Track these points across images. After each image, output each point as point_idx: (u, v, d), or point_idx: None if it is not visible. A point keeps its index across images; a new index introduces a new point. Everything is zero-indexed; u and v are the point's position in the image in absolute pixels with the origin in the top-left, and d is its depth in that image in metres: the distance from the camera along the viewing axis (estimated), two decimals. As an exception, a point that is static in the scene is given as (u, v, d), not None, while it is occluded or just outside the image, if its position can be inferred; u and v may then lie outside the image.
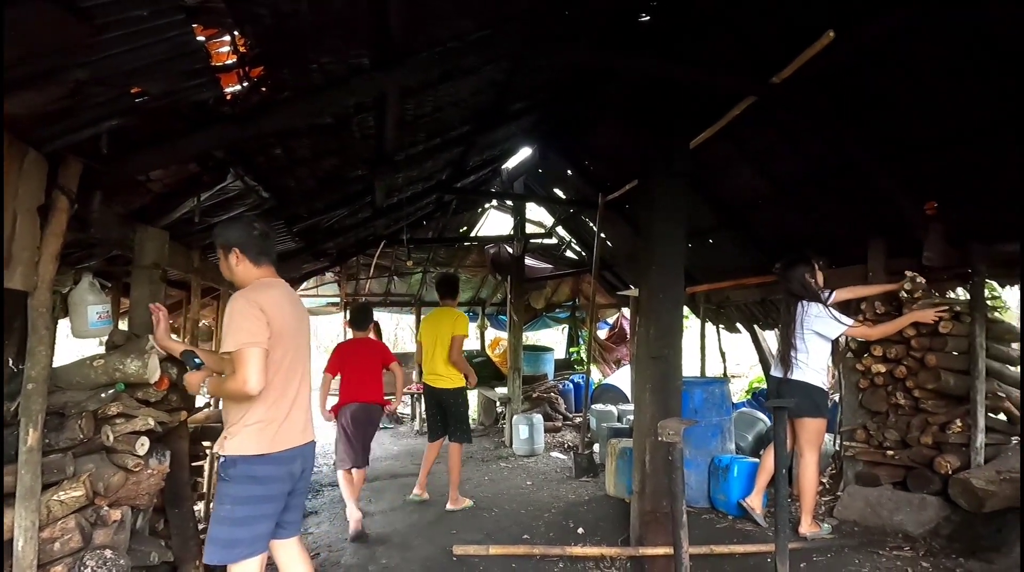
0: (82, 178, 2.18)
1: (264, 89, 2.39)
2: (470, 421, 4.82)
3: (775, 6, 3.26)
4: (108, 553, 2.10)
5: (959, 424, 3.37)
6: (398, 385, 4.65)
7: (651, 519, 3.46)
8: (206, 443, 3.50)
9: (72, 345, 3.84)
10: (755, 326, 6.51)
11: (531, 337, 10.91)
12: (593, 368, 10.21)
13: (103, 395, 2.16)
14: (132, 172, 2.45)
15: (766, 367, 7.63)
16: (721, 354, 6.67)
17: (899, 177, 3.85)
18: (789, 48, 3.19)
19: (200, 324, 6.07)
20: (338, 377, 4.40)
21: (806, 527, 3.51)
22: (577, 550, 3.51)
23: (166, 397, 2.52)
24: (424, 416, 8.20)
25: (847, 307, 4.11)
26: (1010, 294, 4.22)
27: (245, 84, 2.32)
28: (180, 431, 2.81)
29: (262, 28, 2.02)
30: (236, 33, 1.98)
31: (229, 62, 2.12)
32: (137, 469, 2.24)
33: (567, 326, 11.60)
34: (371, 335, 4.79)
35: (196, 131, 2.38)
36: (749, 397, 7.03)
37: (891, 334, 3.61)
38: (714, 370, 7.86)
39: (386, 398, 4.50)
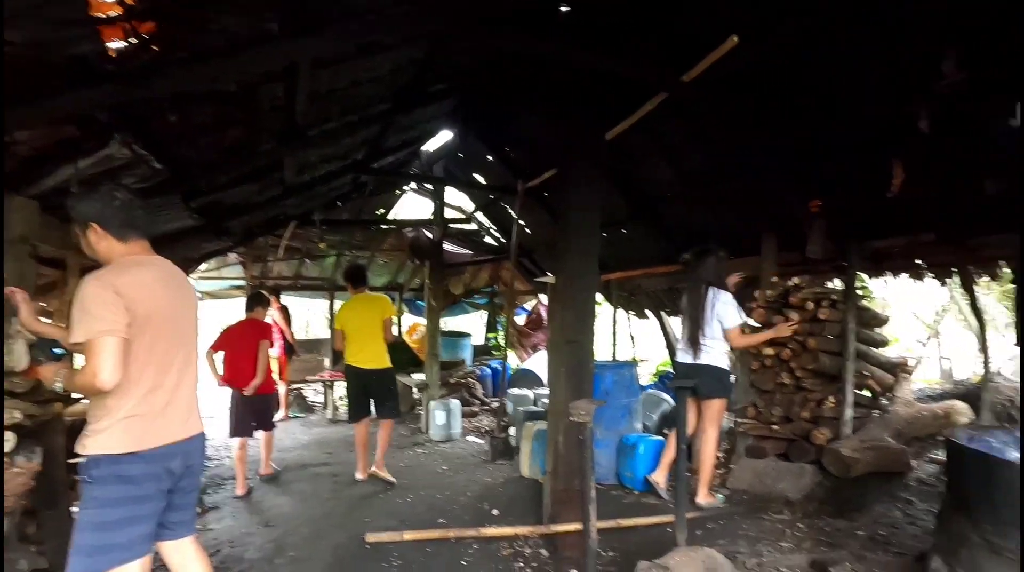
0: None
1: (155, 47, 2.17)
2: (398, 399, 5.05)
3: (689, 9, 3.42)
4: (-36, 563, 1.86)
5: (832, 400, 3.78)
6: (260, 364, 4.67)
7: (563, 497, 3.58)
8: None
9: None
10: (662, 313, 6.90)
11: (449, 323, 10.87)
12: (511, 353, 10.36)
13: (-46, 386, 1.89)
14: (-8, 132, 2.14)
15: (672, 352, 8.13)
16: (631, 339, 6.99)
17: (790, 177, 4.21)
18: (701, 50, 3.37)
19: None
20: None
21: (703, 497, 3.80)
22: (492, 531, 3.57)
23: (37, 387, 2.25)
24: (337, 404, 7.97)
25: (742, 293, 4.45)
26: (875, 285, 4.78)
27: (132, 40, 2.09)
28: (55, 425, 2.53)
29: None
30: (120, -20, 1.77)
31: (113, 14, 1.90)
32: (1, 468, 1.99)
33: (486, 312, 11.67)
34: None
35: (72, 89, 2.12)
36: (656, 380, 7.45)
37: (753, 346, 3.98)
38: (624, 354, 8.25)
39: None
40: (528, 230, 7.60)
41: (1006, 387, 4.37)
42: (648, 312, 7.22)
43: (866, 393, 4.08)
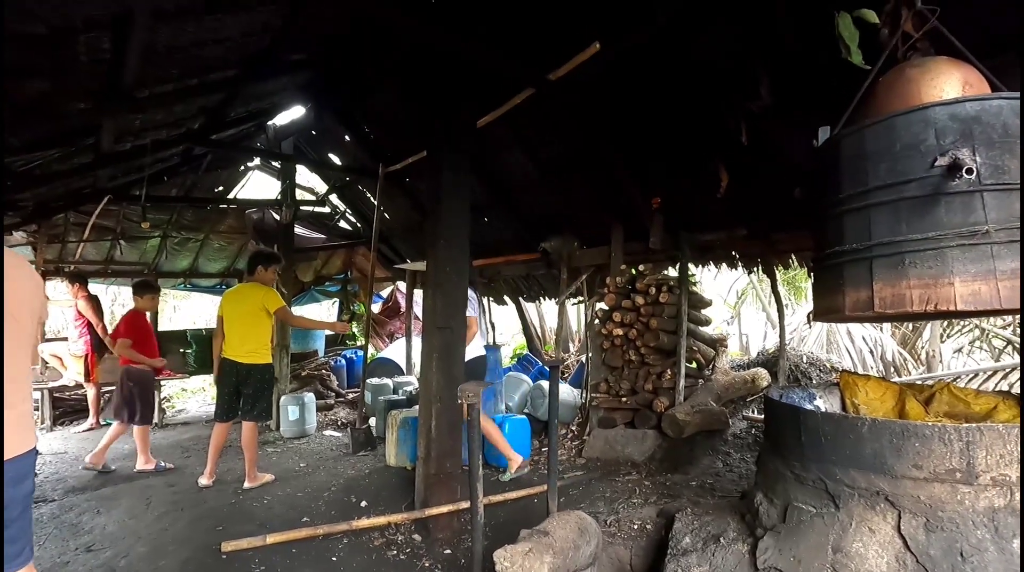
0: None
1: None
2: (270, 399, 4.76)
3: (559, 14, 3.61)
4: None
5: (669, 373, 4.33)
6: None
7: (435, 481, 3.63)
8: None
9: None
10: (520, 298, 7.23)
11: (298, 312, 10.15)
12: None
13: None
14: None
15: (529, 336, 8.57)
16: (491, 325, 7.22)
17: (635, 174, 4.69)
18: (567, 50, 3.58)
19: None
20: None
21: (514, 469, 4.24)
22: (363, 522, 3.49)
23: None
24: (164, 407, 7.03)
25: (596, 278, 4.88)
26: (701, 273, 5.58)
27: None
28: None
29: None
30: None
31: None
32: None
33: (337, 300, 11.12)
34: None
35: None
36: (515, 362, 7.80)
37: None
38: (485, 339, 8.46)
39: None
40: (387, 215, 7.40)
41: (794, 355, 5.42)
42: (507, 298, 7.51)
43: (693, 365, 4.74)
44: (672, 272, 5.12)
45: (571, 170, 5.09)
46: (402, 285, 9.80)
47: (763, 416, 2.87)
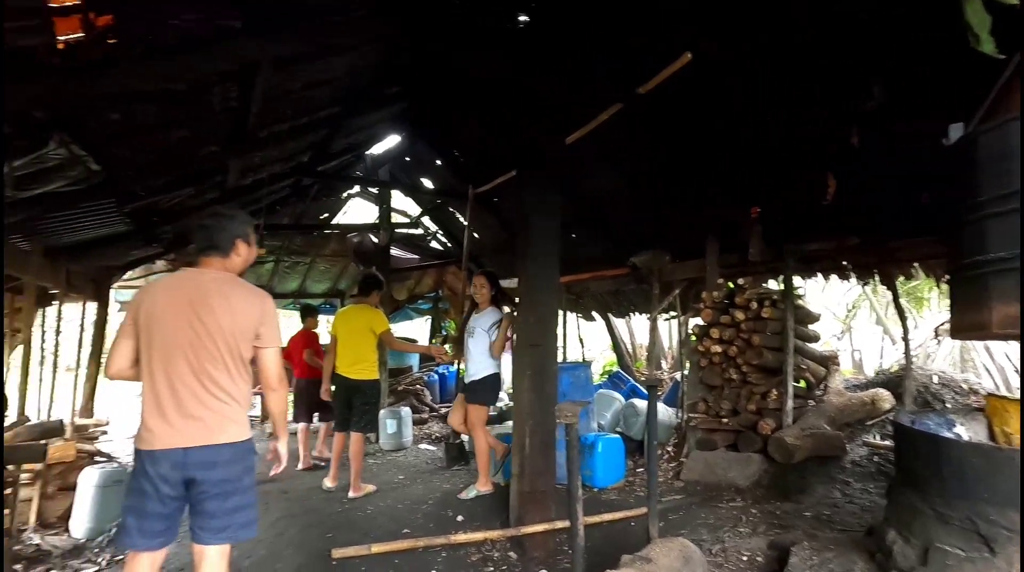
0: None
1: (110, 42, 2.01)
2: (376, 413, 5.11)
3: (642, 25, 3.58)
4: None
5: (775, 393, 4.06)
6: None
7: (529, 499, 3.62)
8: (11, 467, 2.88)
9: None
10: (609, 314, 7.12)
11: (393, 329, 10.65)
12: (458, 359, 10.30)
13: None
14: (-85, 128, 1.91)
15: (619, 353, 8.40)
16: (580, 341, 7.15)
17: (731, 185, 4.49)
18: (654, 63, 3.53)
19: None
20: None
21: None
22: (461, 537, 3.54)
23: (-31, 413, 2.02)
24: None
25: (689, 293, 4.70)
26: (808, 285, 5.20)
27: (84, 34, 1.94)
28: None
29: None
30: (84, -30, 1.64)
31: (69, 4, 1.76)
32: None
33: (429, 317, 11.54)
34: None
35: (13, 82, 1.93)
36: (604, 379, 7.66)
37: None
38: (573, 355, 8.42)
39: None
40: (476, 234, 7.61)
41: (921, 375, 4.87)
42: (595, 314, 7.43)
43: (802, 385, 4.41)
44: (774, 285, 4.82)
45: (661, 183, 4.98)
46: (490, 302, 9.99)
47: (890, 443, 2.60)
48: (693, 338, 4.69)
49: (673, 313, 6.30)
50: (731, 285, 4.76)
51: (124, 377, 2.14)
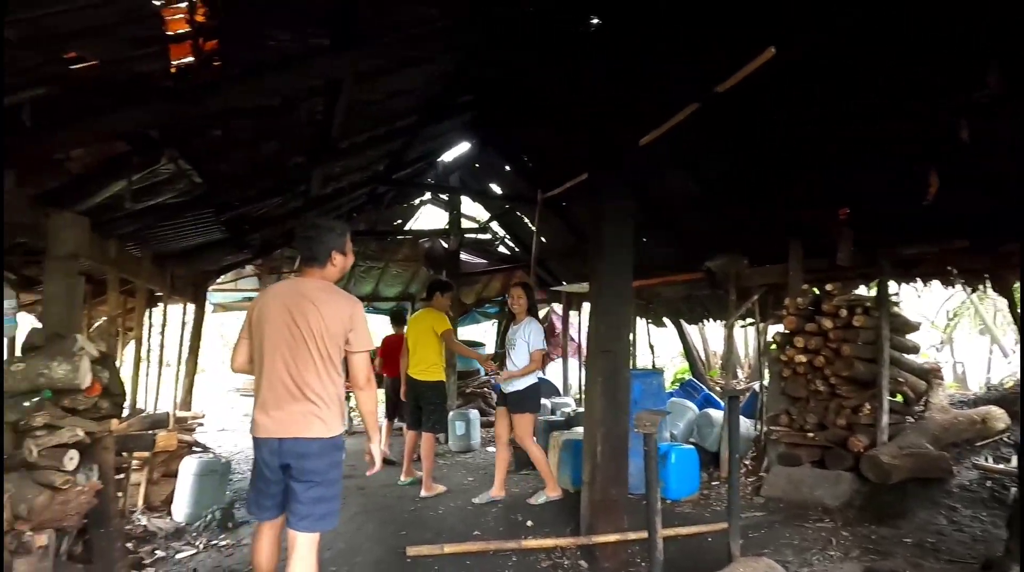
0: (-6, 153, 1.88)
1: (216, 64, 2.18)
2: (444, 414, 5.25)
3: (720, 20, 3.45)
4: (32, 584, 1.84)
5: (868, 407, 3.77)
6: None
7: (601, 507, 3.56)
8: (126, 453, 3.16)
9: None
10: (681, 321, 6.90)
11: (461, 332, 10.85)
12: (523, 362, 10.32)
13: (26, 404, 1.88)
14: (54, 148, 2.14)
15: (691, 360, 8.13)
16: (650, 347, 6.98)
17: (817, 185, 4.24)
18: (732, 60, 3.39)
19: (98, 321, 5.47)
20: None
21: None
22: (532, 543, 3.54)
23: (95, 404, 2.24)
24: (352, 415, 7.94)
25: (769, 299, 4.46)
26: (904, 291, 4.79)
27: (193, 58, 2.11)
28: (106, 442, 2.52)
29: (226, -5, 1.84)
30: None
31: (181, 31, 1.92)
32: (66, 487, 1.98)
33: (496, 321, 11.66)
34: None
35: (132, 106, 2.13)
36: (676, 387, 7.43)
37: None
38: (643, 362, 8.23)
39: None
40: (543, 239, 7.62)
41: (1042, 391, 4.38)
42: (666, 320, 7.23)
43: (899, 399, 4.08)
44: (864, 291, 4.49)
45: (739, 185, 4.77)
46: (558, 307, 9.96)
47: (1007, 467, 2.35)
48: (774, 346, 4.45)
49: (750, 320, 6.01)
50: (815, 291, 4.48)
51: (244, 372, 2.41)
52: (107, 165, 2.52)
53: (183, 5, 1.80)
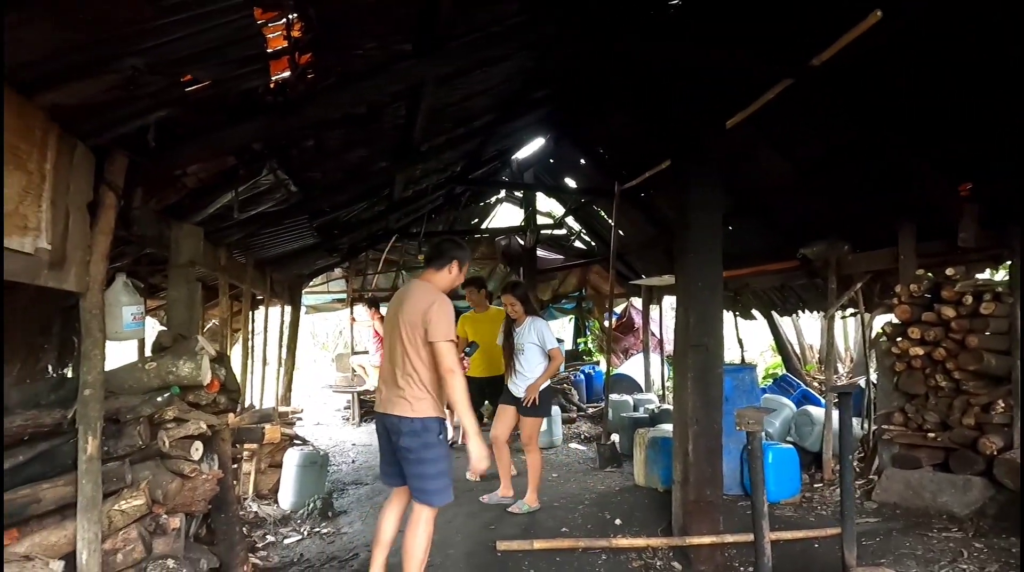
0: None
1: (310, 76, 2.29)
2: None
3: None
4: (170, 563, 2.03)
5: (1002, 405, 3.37)
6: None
7: (694, 508, 3.43)
8: (239, 445, 3.42)
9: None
10: (772, 312, 6.51)
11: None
12: (601, 358, 10.20)
13: (159, 399, 2.08)
14: (175, 166, 2.35)
15: (785, 354, 7.67)
16: (739, 342, 6.65)
17: (932, 159, 3.83)
18: (829, 28, 3.13)
19: (209, 324, 5.97)
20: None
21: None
22: (622, 541, 3.47)
23: (215, 400, 2.43)
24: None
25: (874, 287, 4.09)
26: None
27: (290, 72, 2.23)
28: (223, 434, 2.73)
29: (319, 10, 1.92)
30: (294, 16, 1.88)
31: (280, 48, 2.03)
32: (193, 474, 2.16)
33: (573, 317, 11.58)
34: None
35: (240, 122, 2.29)
36: (769, 383, 7.04)
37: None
38: (730, 357, 7.86)
39: None
40: (621, 232, 7.46)
41: None
42: (756, 312, 6.85)
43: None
44: (990, 275, 4.01)
45: (838, 165, 4.41)
46: (637, 301, 9.73)
47: None
48: (884, 339, 4.08)
49: (852, 310, 5.56)
50: (930, 275, 4.06)
51: None
52: (218, 179, 2.74)
53: (281, 23, 1.90)
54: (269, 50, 1.95)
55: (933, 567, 2.78)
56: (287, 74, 2.20)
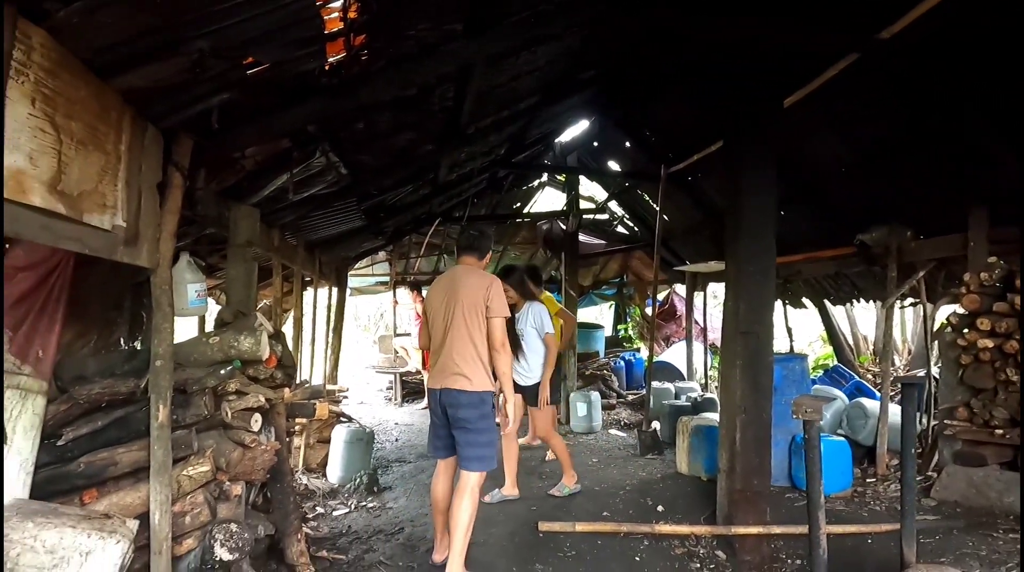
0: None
1: (364, 58, 2.31)
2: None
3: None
4: (233, 527, 2.13)
5: (1080, 402, 3.16)
6: None
7: (741, 498, 3.36)
8: (292, 419, 3.55)
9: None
10: (825, 301, 6.27)
11: (579, 314, 10.81)
12: (642, 345, 10.08)
13: (222, 372, 2.17)
14: (235, 148, 2.42)
15: (837, 345, 7.39)
16: (787, 331, 6.44)
17: (1010, 140, 3.58)
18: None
19: (262, 304, 6.18)
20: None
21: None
22: (665, 528, 3.45)
23: (271, 374, 2.52)
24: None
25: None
26: None
27: (345, 53, 2.25)
28: (279, 408, 2.84)
29: (375, -9, 1.93)
30: (351, -4, 1.89)
31: (336, 29, 2.05)
32: (253, 445, 2.26)
33: (613, 303, 11.47)
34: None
35: (295, 104, 2.33)
36: (819, 374, 6.81)
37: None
38: (778, 347, 7.63)
39: None
40: (665, 217, 7.30)
41: None
42: (806, 301, 6.61)
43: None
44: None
45: (904, 147, 4.18)
46: (680, 288, 9.54)
47: None
48: (949, 329, 3.88)
49: (913, 300, 5.30)
50: (1002, 263, 3.81)
51: (427, 348, 3.10)
52: (272, 161, 2.81)
53: (338, 3, 1.92)
54: (326, 32, 1.98)
55: (999, 569, 2.66)
56: (342, 56, 2.24)
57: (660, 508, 3.98)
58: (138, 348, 2.63)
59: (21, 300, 1.88)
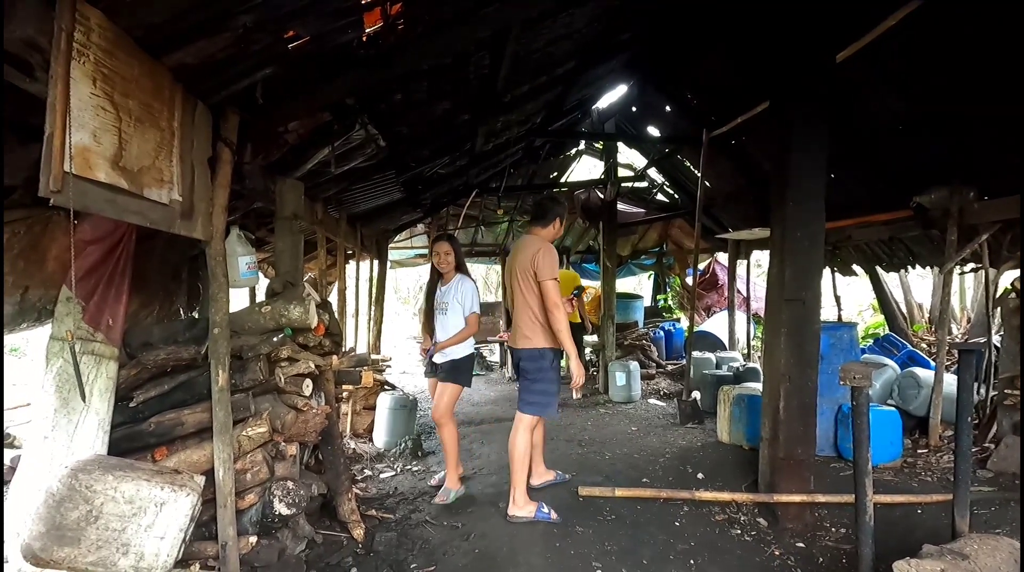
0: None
1: (400, 27, 2.31)
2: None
3: None
4: (289, 484, 2.26)
5: None
6: None
7: (784, 465, 3.33)
8: (340, 386, 3.69)
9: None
10: (877, 267, 6.01)
11: (617, 284, 10.72)
12: (683, 316, 9.94)
13: (274, 339, 2.27)
14: (280, 122, 2.48)
15: (889, 313, 7.11)
16: (836, 299, 6.23)
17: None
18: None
19: (307, 276, 6.37)
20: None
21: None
22: (705, 495, 3.46)
23: (320, 342, 2.62)
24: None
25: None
26: None
27: (381, 23, 2.25)
28: (327, 374, 2.95)
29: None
30: (387, -36, 1.89)
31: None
32: (305, 409, 2.37)
33: (652, 273, 11.30)
34: None
35: (335, 76, 2.36)
36: (870, 343, 6.59)
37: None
38: (825, 316, 7.40)
39: None
40: (707, 183, 7.08)
41: None
42: (856, 267, 6.34)
43: None
44: None
45: (967, 102, 3.90)
46: (721, 256, 9.31)
47: None
48: (1012, 296, 3.68)
49: (974, 265, 5.02)
50: None
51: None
52: (314, 135, 2.86)
53: (373, -28, 1.92)
54: (363, 1, 1.98)
55: (1059, 541, 2.56)
56: (378, 26, 2.24)
57: (700, 476, 3.99)
58: (196, 317, 2.78)
59: (91, 272, 2.01)
